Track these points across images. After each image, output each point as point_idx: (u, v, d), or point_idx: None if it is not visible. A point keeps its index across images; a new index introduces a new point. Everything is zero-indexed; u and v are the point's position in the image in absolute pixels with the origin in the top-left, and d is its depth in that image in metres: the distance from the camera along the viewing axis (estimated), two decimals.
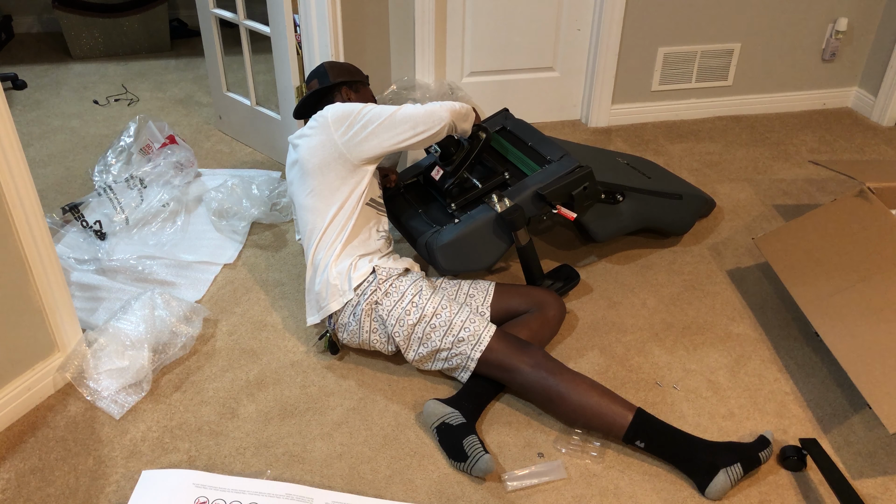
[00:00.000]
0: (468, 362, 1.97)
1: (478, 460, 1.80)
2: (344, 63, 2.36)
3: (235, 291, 2.47)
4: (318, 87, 2.27)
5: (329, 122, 2.05)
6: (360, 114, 2.06)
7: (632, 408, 1.86)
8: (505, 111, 2.63)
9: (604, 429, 1.87)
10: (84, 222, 2.66)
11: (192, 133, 3.46)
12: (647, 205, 2.54)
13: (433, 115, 2.09)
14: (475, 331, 1.97)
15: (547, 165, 2.33)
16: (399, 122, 2.06)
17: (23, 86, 3.89)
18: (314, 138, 2.07)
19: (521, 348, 1.95)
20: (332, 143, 2.05)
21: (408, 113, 2.07)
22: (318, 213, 2.08)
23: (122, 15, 4.24)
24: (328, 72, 2.28)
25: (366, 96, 2.31)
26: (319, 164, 2.06)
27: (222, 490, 1.78)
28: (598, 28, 3.34)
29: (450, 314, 1.99)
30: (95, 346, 2.09)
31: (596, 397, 1.87)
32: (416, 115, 2.07)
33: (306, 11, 2.76)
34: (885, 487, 1.84)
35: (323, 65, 2.33)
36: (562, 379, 1.89)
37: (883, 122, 3.61)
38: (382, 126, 2.05)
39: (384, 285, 2.02)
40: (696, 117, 3.67)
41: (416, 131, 2.07)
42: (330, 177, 2.07)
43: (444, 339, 1.97)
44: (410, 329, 1.99)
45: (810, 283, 2.15)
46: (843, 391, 2.11)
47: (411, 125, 2.07)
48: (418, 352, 2.01)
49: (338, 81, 2.27)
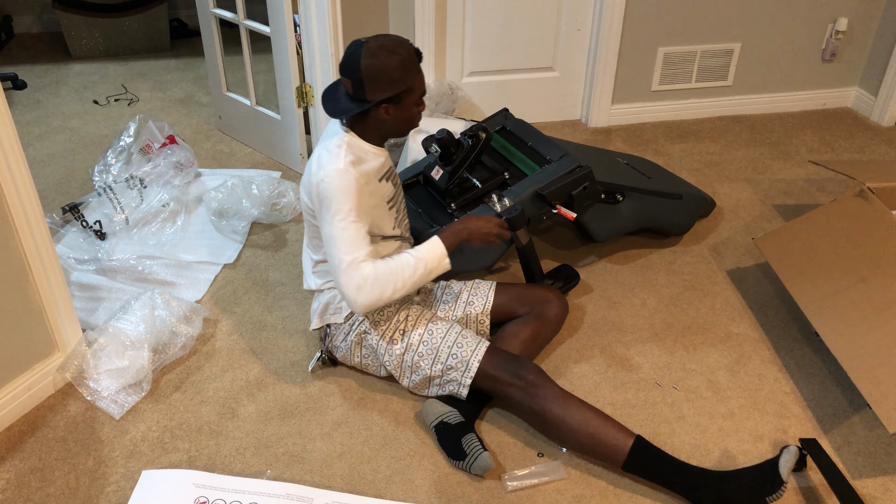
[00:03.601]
0: (461, 389, 1.92)
1: (477, 458, 1.80)
2: (387, 54, 1.76)
3: (235, 291, 2.47)
4: (351, 95, 1.82)
5: (313, 179, 1.84)
6: (333, 214, 1.80)
7: (631, 435, 1.79)
8: (505, 111, 2.63)
9: (601, 456, 1.80)
10: (84, 222, 2.66)
11: (192, 133, 3.46)
12: (646, 205, 2.54)
13: (347, 299, 1.82)
14: (463, 357, 1.91)
15: (547, 165, 2.33)
16: (331, 263, 1.83)
17: (23, 86, 3.89)
18: (304, 178, 1.91)
19: (513, 370, 1.87)
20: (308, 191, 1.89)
21: (338, 273, 1.81)
22: (321, 251, 2.00)
23: (122, 15, 4.24)
24: (364, 81, 1.77)
25: (409, 106, 1.86)
26: (305, 208, 1.94)
27: (222, 490, 1.78)
28: (598, 28, 3.34)
29: (436, 340, 1.93)
30: (95, 346, 2.09)
31: (592, 423, 1.79)
32: (340, 281, 1.81)
33: (306, 11, 2.76)
34: (885, 487, 1.83)
35: (360, 58, 1.77)
36: (554, 404, 1.82)
37: (883, 122, 3.61)
38: (327, 246, 1.84)
39: (373, 314, 1.98)
40: (696, 117, 3.67)
41: (334, 283, 1.94)
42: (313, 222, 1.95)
43: (433, 367, 1.93)
44: (399, 359, 1.96)
45: (810, 283, 2.15)
46: (843, 391, 2.11)
47: (335, 275, 1.83)
48: (412, 379, 1.98)
49: (375, 101, 1.80)
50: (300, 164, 3.10)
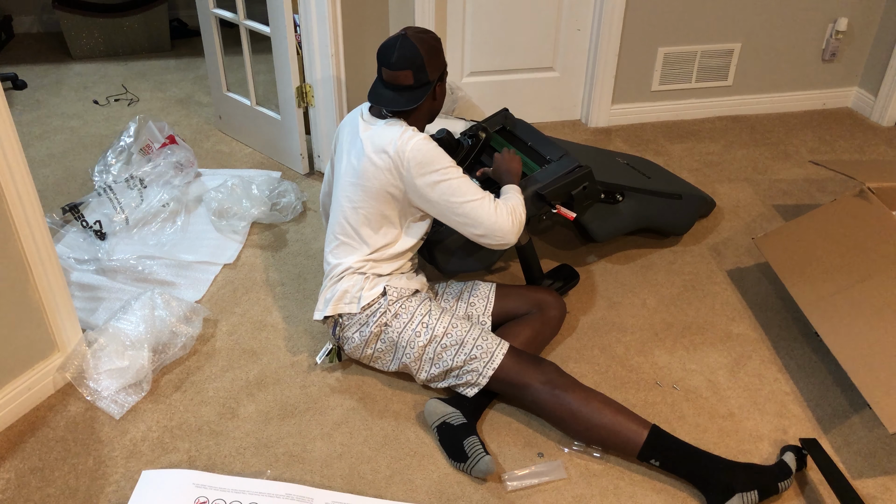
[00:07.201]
0: (480, 379, 1.93)
1: (478, 461, 1.80)
2: (427, 34, 1.92)
3: (235, 291, 2.47)
4: (411, 85, 1.91)
5: (403, 162, 1.89)
6: (443, 172, 1.89)
7: (647, 425, 1.82)
8: (505, 111, 2.62)
9: (618, 446, 1.84)
10: (84, 222, 2.66)
11: (192, 133, 3.46)
12: (646, 205, 2.54)
13: (502, 233, 1.93)
14: (487, 348, 1.93)
15: (546, 165, 2.33)
16: (468, 213, 1.91)
17: (23, 86, 3.89)
18: (381, 165, 1.92)
19: (534, 365, 1.91)
20: (396, 178, 1.92)
21: (482, 214, 1.91)
22: (359, 234, 2.00)
23: (122, 15, 4.24)
24: (426, 64, 1.90)
25: (445, 80, 2.02)
26: (377, 191, 1.94)
27: (222, 490, 1.78)
28: (598, 28, 3.34)
29: (461, 332, 1.96)
30: (95, 346, 2.09)
31: (609, 415, 1.83)
32: (487, 222, 1.92)
33: (306, 11, 2.76)
34: (885, 487, 1.83)
35: (415, 46, 1.89)
36: (574, 396, 1.86)
37: (883, 122, 3.61)
38: (451, 205, 1.91)
39: (394, 306, 1.98)
40: (696, 117, 3.67)
41: (475, 232, 1.94)
42: (385, 206, 1.97)
43: (455, 357, 1.94)
44: (421, 350, 1.96)
45: (810, 283, 2.15)
46: (843, 391, 2.11)
47: (476, 227, 1.93)
48: (430, 372, 1.98)
49: (436, 79, 1.95)
50: (300, 164, 3.10)
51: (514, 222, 1.95)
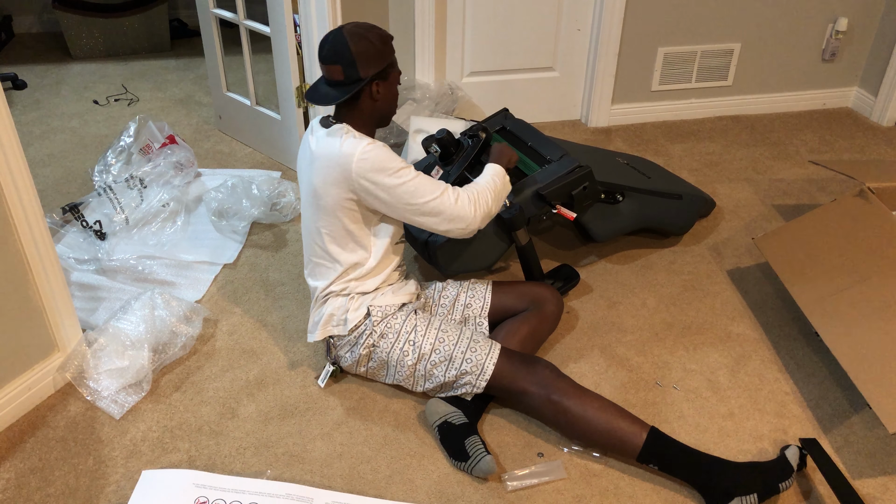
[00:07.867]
0: (475, 389, 1.92)
1: (480, 461, 1.80)
2: (367, 31, 1.85)
3: (235, 291, 2.47)
4: (342, 80, 1.85)
5: (352, 172, 1.83)
6: (397, 175, 1.84)
7: (645, 427, 1.81)
8: (505, 111, 2.63)
9: (616, 449, 1.83)
10: (84, 222, 2.66)
11: (192, 133, 3.46)
12: (646, 205, 2.54)
13: (465, 222, 1.93)
14: (477, 361, 1.91)
15: (547, 165, 2.33)
16: (431, 212, 1.89)
17: (23, 86, 3.89)
18: (329, 180, 1.86)
19: (528, 368, 1.90)
20: (346, 190, 1.86)
21: (445, 209, 1.90)
22: (328, 253, 1.96)
23: (122, 15, 4.24)
24: (356, 59, 1.82)
25: (394, 83, 1.93)
26: (333, 207, 1.89)
27: (222, 490, 1.78)
28: (598, 28, 3.34)
29: (448, 347, 1.93)
30: (95, 346, 2.09)
31: (607, 418, 1.82)
32: (450, 214, 1.91)
33: (306, 11, 2.76)
34: (885, 487, 1.83)
35: (346, 40, 1.82)
36: (571, 401, 1.84)
37: (883, 122, 3.61)
38: (413, 207, 1.88)
39: (379, 327, 1.96)
40: (696, 117, 3.67)
41: (439, 228, 1.93)
42: (345, 221, 1.91)
43: (447, 373, 1.93)
44: (411, 369, 1.96)
45: (810, 283, 2.15)
46: (843, 391, 2.11)
47: (439, 223, 1.92)
48: (425, 387, 1.98)
49: (369, 78, 1.85)
50: None
51: (475, 210, 1.93)
